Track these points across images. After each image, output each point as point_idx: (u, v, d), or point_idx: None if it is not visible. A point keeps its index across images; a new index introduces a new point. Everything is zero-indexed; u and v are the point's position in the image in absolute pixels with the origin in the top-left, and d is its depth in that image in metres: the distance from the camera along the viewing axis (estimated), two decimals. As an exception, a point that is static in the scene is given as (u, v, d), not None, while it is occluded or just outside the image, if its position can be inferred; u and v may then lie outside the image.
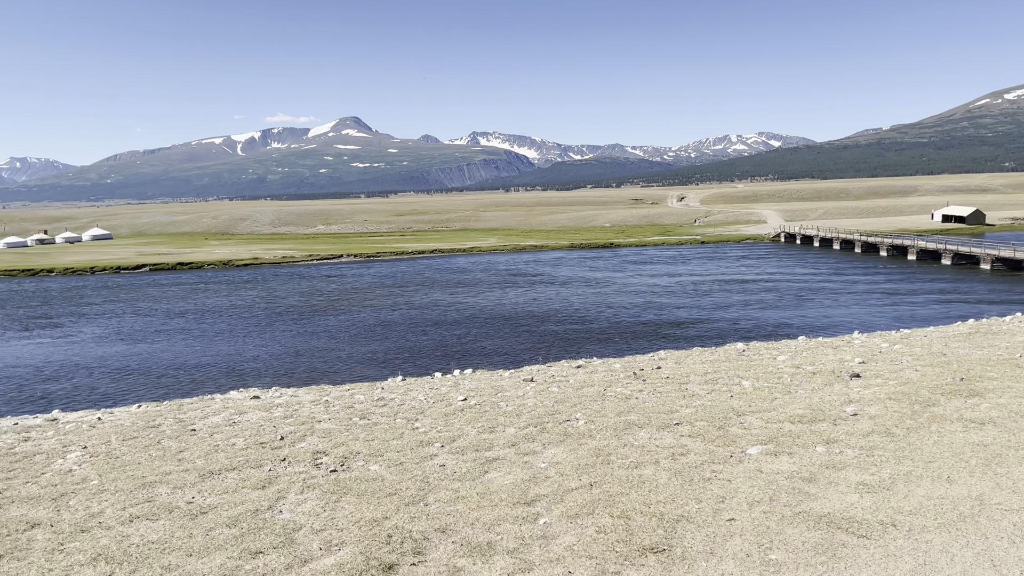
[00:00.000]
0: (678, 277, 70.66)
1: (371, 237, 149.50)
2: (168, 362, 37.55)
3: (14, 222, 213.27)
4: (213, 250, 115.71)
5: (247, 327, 47.86)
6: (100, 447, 10.39)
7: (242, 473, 8.74)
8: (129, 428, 11.68)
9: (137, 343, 43.39)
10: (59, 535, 7.00)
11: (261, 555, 6.33)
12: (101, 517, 7.44)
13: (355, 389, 15.19)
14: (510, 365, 26.52)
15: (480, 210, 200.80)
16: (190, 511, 7.48)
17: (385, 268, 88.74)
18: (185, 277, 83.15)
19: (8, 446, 10.77)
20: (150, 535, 6.88)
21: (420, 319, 49.34)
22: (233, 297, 63.85)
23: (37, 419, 13.57)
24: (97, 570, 6.17)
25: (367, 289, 67.29)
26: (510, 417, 10.88)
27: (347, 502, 7.56)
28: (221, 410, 13.02)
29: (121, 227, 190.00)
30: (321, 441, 10.09)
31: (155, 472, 8.90)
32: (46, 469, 9.34)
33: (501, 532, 6.63)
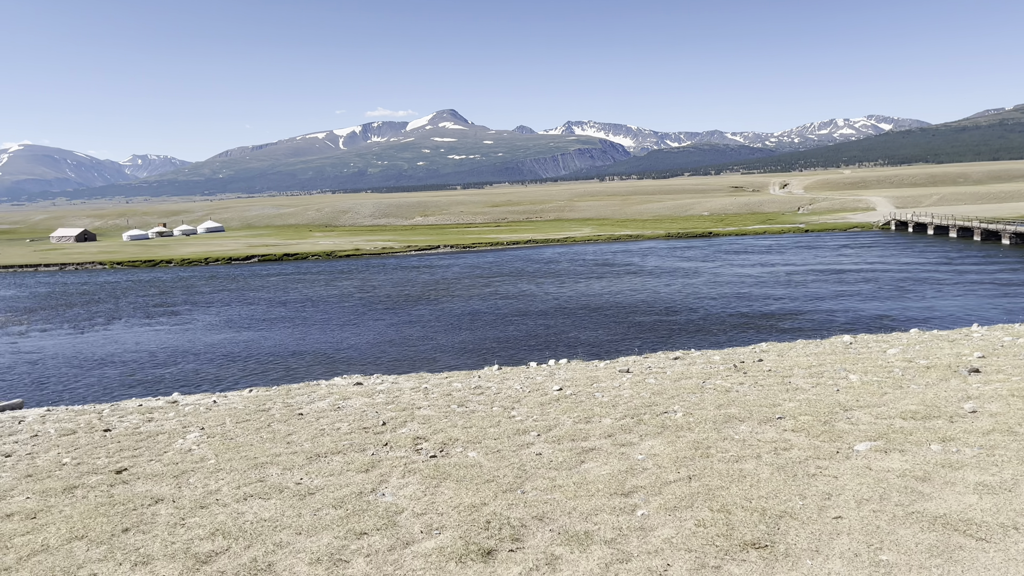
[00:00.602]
0: (776, 267, 68.47)
1: (467, 228, 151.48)
2: (275, 348, 39.23)
3: (136, 216, 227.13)
4: (317, 242, 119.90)
5: (348, 315, 49.42)
6: (216, 429, 10.98)
7: (347, 456, 9.06)
8: (242, 411, 12.29)
9: (247, 330, 45.51)
10: (180, 510, 7.45)
11: (365, 536, 6.56)
12: (218, 495, 7.88)
13: (453, 377, 15.47)
14: (604, 356, 26.41)
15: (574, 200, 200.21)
16: (299, 491, 7.82)
17: (480, 258, 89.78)
18: (291, 268, 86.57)
19: (134, 426, 11.53)
20: (262, 513, 7.24)
21: (514, 309, 49.71)
22: (335, 287, 66.04)
23: (159, 401, 14.46)
24: (215, 544, 6.54)
25: (462, 279, 68.29)
26: (606, 408, 10.84)
27: (446, 487, 7.73)
28: (326, 395, 13.51)
29: (232, 220, 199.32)
30: (421, 427, 10.34)
31: (266, 453, 9.33)
32: (168, 448, 9.95)
33: (598, 522, 6.63)
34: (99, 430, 11.31)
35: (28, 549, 6.64)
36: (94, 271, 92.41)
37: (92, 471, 9.02)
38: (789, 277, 60.53)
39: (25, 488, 8.43)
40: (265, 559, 6.18)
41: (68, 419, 12.55)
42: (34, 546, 6.70)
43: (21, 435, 11.28)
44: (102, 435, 10.97)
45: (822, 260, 72.79)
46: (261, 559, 6.18)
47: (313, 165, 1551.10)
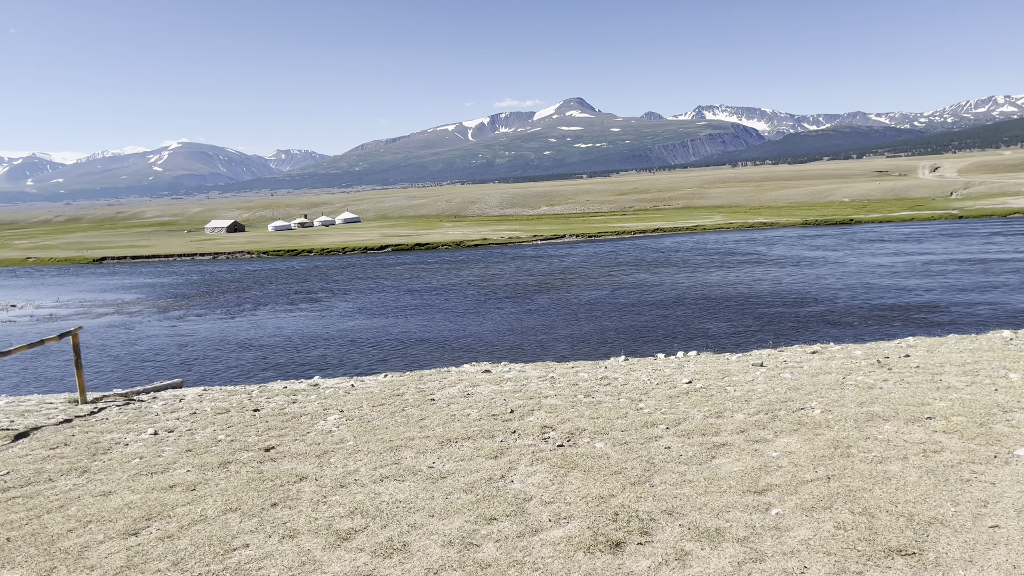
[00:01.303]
0: (922, 256, 64.05)
1: (593, 217, 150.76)
2: (406, 334, 40.59)
3: (280, 208, 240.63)
4: (447, 232, 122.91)
5: (474, 303, 50.42)
6: (354, 411, 11.50)
7: (476, 443, 9.26)
8: (377, 395, 12.81)
9: (380, 316, 47.32)
10: (322, 488, 7.87)
11: (495, 521, 6.69)
12: (356, 475, 8.26)
13: (579, 367, 15.47)
14: (734, 348, 25.63)
15: (704, 187, 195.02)
16: (431, 475, 8.08)
17: (606, 247, 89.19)
18: (422, 257, 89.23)
19: (280, 407, 12.26)
20: (398, 494, 7.53)
21: (638, 298, 49.09)
22: (462, 275, 67.50)
23: (302, 384, 15.30)
24: (354, 523, 6.87)
25: (586, 268, 68.09)
26: (738, 403, 10.54)
27: (574, 477, 7.76)
28: (456, 382, 13.86)
29: (367, 211, 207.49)
30: (548, 416, 10.42)
31: (400, 437, 9.69)
32: (311, 429, 10.52)
33: (730, 519, 6.47)
34: (249, 410, 12.10)
35: (188, 519, 7.21)
36: (242, 260, 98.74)
37: (243, 448, 9.67)
38: (945, 267, 56.53)
39: (186, 462, 9.16)
40: (400, 539, 6.43)
41: (222, 399, 13.50)
42: (194, 516, 7.27)
43: (182, 412, 12.24)
44: (252, 415, 11.73)
45: (967, 249, 67.50)
46: (397, 539, 6.43)
47: (443, 157, 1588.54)
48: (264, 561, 6.17)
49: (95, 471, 9.03)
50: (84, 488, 8.37)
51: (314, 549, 6.36)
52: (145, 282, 76.69)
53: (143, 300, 61.87)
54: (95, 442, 10.40)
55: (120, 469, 9.02)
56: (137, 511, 7.48)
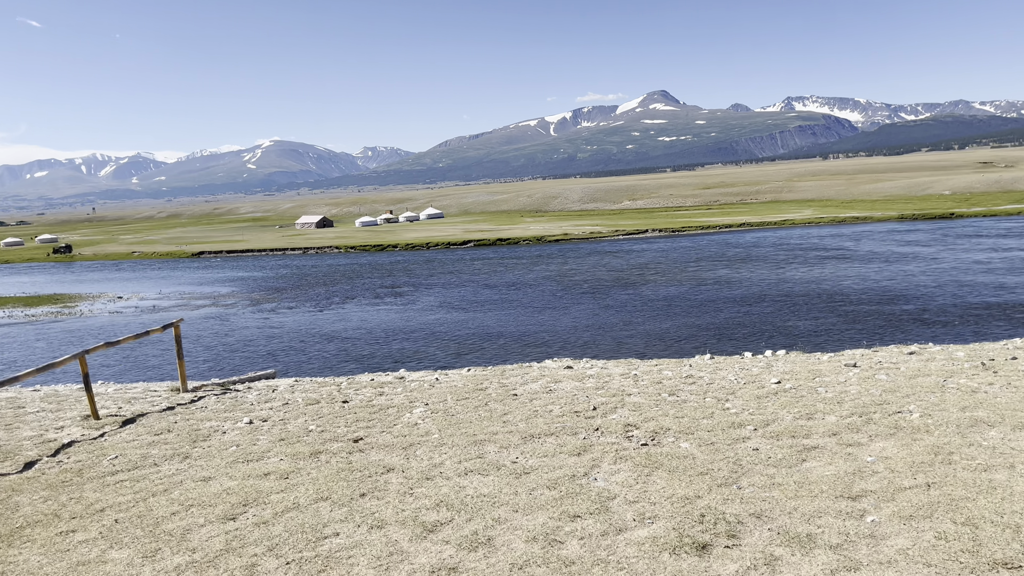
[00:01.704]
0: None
1: (676, 211, 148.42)
2: (488, 328, 40.93)
3: (367, 204, 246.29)
4: (528, 227, 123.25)
5: (555, 298, 50.39)
6: (439, 405, 11.69)
7: (559, 439, 9.27)
8: (461, 389, 12.98)
9: (461, 310, 47.87)
10: (409, 480, 8.04)
11: (579, 519, 6.69)
12: (441, 468, 8.40)
13: (662, 365, 15.27)
14: (825, 347, 24.80)
15: (793, 180, 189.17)
16: (515, 470, 8.13)
17: (690, 242, 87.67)
18: (502, 252, 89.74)
19: (368, 399, 12.57)
20: (482, 489, 7.62)
21: (724, 295, 48.06)
22: (543, 270, 67.57)
23: (388, 376, 15.63)
24: (440, 515, 6.99)
25: (669, 263, 67.09)
26: (830, 404, 10.20)
27: (658, 477, 7.68)
28: (538, 378, 13.90)
29: (450, 206, 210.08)
30: (632, 414, 10.34)
31: (484, 431, 9.79)
32: (397, 421, 10.75)
33: (822, 525, 6.28)
34: (338, 401, 12.46)
35: (282, 506, 7.48)
36: (331, 254, 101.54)
37: (333, 439, 9.96)
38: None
39: (279, 451, 9.50)
40: (485, 533, 6.51)
41: (312, 390, 13.93)
42: (287, 503, 7.54)
43: (275, 403, 12.70)
44: (341, 406, 12.07)
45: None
46: (481, 533, 6.51)
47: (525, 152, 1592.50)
48: (354, 550, 6.35)
49: (196, 457, 9.47)
50: (186, 473, 8.79)
51: (401, 540, 6.50)
52: (239, 275, 79.81)
53: (237, 293, 64.41)
54: (195, 429, 10.91)
55: (219, 456, 9.44)
56: (234, 497, 7.81)
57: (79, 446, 10.38)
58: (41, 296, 68.28)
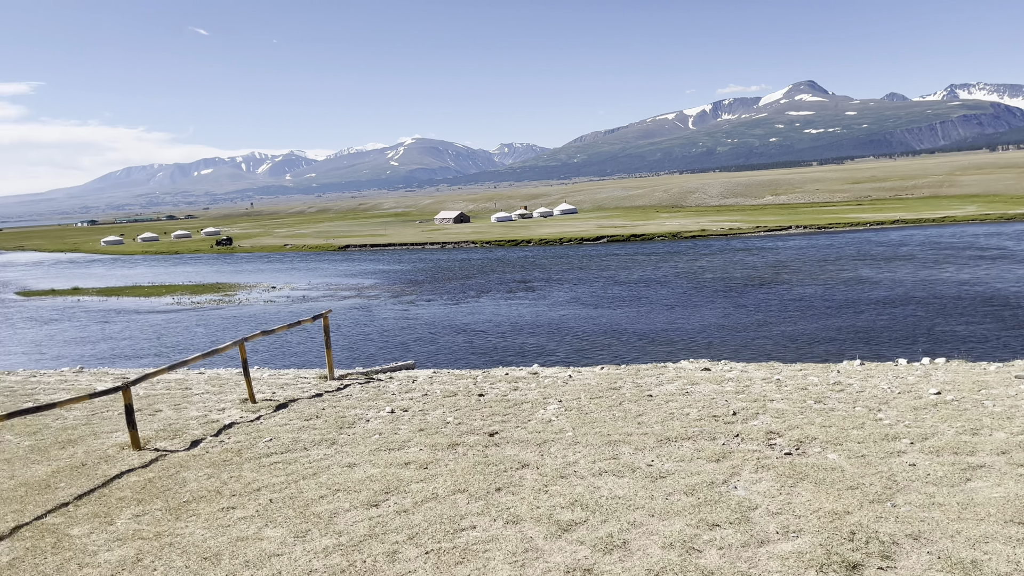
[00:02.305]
0: None
1: (822, 207, 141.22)
2: (621, 325, 40.54)
3: (502, 199, 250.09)
4: (663, 222, 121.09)
5: (692, 297, 49.20)
6: (572, 402, 11.68)
7: (696, 443, 9.04)
8: (595, 388, 12.91)
9: (594, 307, 47.67)
10: (543, 477, 8.08)
11: (717, 528, 6.49)
12: (576, 467, 8.39)
13: (807, 369, 14.57)
14: (987, 356, 22.87)
15: (956, 174, 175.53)
16: (650, 473, 8.00)
17: (837, 240, 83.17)
18: (637, 248, 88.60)
19: (503, 393, 12.75)
20: (616, 490, 7.54)
21: (870, 296, 45.24)
22: (679, 267, 66.14)
23: (522, 371, 15.79)
24: (574, 515, 6.98)
25: (814, 262, 63.91)
26: (998, 419, 9.37)
27: (803, 488, 7.33)
28: (674, 379, 13.61)
29: (584, 202, 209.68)
30: (774, 421, 9.92)
31: (618, 432, 9.69)
32: (531, 417, 10.83)
33: (989, 551, 5.78)
34: (475, 394, 12.71)
35: (422, 495, 7.72)
36: (466, 249, 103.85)
37: (470, 431, 10.17)
38: None
39: (419, 441, 9.81)
40: (620, 536, 6.44)
41: (450, 382, 14.29)
42: (426, 493, 7.77)
43: (415, 393, 13.12)
44: (477, 399, 12.31)
45: None
46: (616, 535, 6.44)
47: (661, 146, 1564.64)
48: (490, 544, 6.45)
49: (342, 443, 9.94)
50: (333, 459, 9.24)
51: (536, 537, 6.54)
52: (381, 268, 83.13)
53: (379, 285, 67.13)
54: (341, 416, 11.45)
55: (363, 443, 9.86)
56: (377, 484, 8.13)
57: (238, 427, 11.14)
58: (205, 285, 73.91)
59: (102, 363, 36.39)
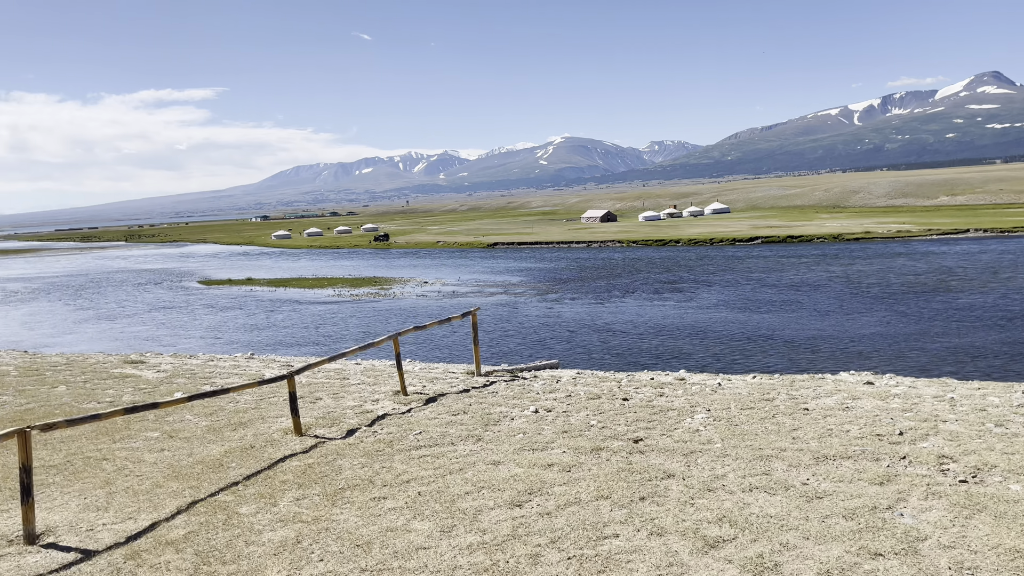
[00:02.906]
0: None
1: (1007, 209, 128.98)
2: (773, 333, 38.82)
3: (651, 198, 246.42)
4: (823, 223, 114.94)
5: (853, 304, 46.34)
6: (721, 412, 11.28)
7: (857, 464, 8.47)
8: (746, 398, 12.41)
9: (745, 311, 45.93)
10: (689, 489, 7.84)
11: (881, 558, 6.05)
12: (724, 480, 8.08)
13: (986, 388, 13.33)
14: None
15: None
16: (805, 493, 7.57)
17: (1016, 246, 75.66)
18: (793, 250, 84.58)
19: (647, 399, 12.52)
20: (768, 508, 7.19)
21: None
22: (836, 271, 62.49)
23: (668, 376, 15.45)
24: (722, 531, 6.72)
25: (995, 269, 58.40)
26: None
27: (981, 521, 6.69)
28: (833, 392, 12.85)
29: (737, 201, 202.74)
30: (947, 444, 9.13)
31: (771, 446, 9.26)
32: (677, 425, 10.56)
33: None
34: (619, 398, 12.56)
35: (564, 499, 7.70)
36: (613, 248, 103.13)
37: (613, 436, 10.05)
38: None
39: (562, 443, 9.80)
40: (771, 558, 6.13)
41: (594, 384, 14.21)
42: (568, 497, 7.74)
43: (558, 394, 13.14)
44: (621, 403, 12.15)
45: None
46: (767, 557, 6.15)
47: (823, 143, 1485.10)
48: (633, 555, 6.33)
49: (487, 441, 10.11)
50: (478, 455, 9.42)
51: (681, 551, 6.36)
52: (527, 266, 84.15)
53: (525, 282, 67.98)
54: (487, 413, 11.65)
55: (507, 442, 9.98)
56: (521, 484, 8.20)
57: (390, 419, 11.60)
58: (363, 278, 77.73)
59: (268, 349, 39.09)
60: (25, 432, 7.42)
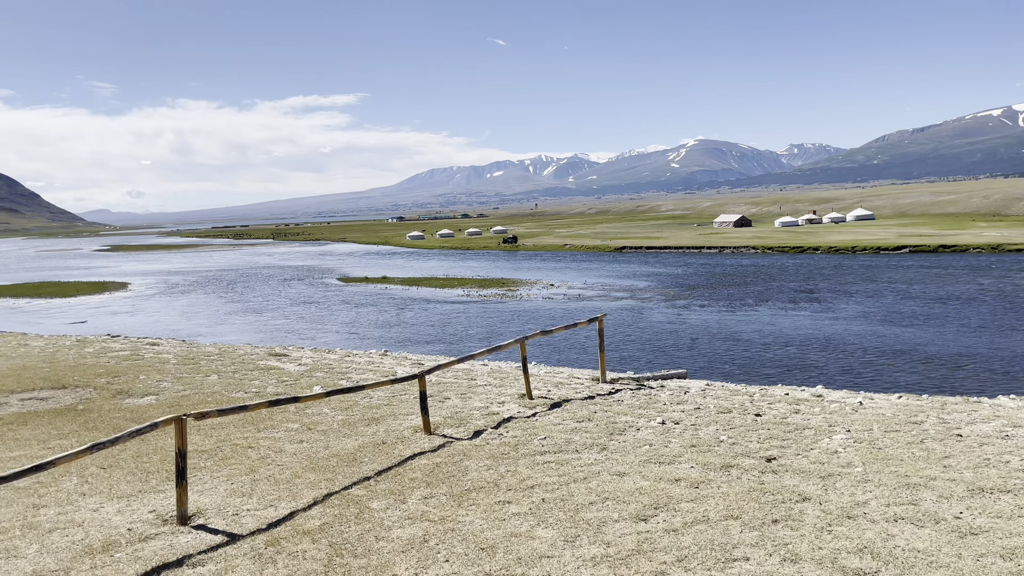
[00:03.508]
0: None
1: None
2: (922, 350, 36.29)
3: (788, 203, 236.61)
4: (980, 232, 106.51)
5: (1009, 320, 42.60)
6: (863, 434, 10.65)
7: (1018, 499, 7.77)
8: (890, 419, 11.66)
9: (890, 325, 43.19)
10: (827, 515, 7.43)
11: (1046, 607, 5.51)
12: (866, 508, 7.61)
13: None
14: None
15: None
16: (958, 528, 7.01)
17: None
18: (945, 260, 78.85)
19: (782, 416, 11.99)
20: (915, 542, 6.71)
21: None
22: (992, 284, 57.64)
23: (805, 392, 14.76)
24: (863, 562, 6.32)
25: None
26: None
27: None
28: (990, 418, 11.86)
29: (883, 208, 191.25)
30: None
31: (918, 474, 8.64)
32: (814, 446, 10.05)
33: None
34: (751, 413, 12.10)
35: (692, 516, 7.49)
36: (746, 254, 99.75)
37: (744, 454, 9.69)
38: None
39: (690, 457, 9.55)
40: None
41: (724, 397, 13.77)
42: (696, 514, 7.52)
43: (686, 406, 12.82)
44: (753, 419, 11.71)
45: None
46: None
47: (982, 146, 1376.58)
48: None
49: (612, 450, 9.99)
50: (603, 465, 9.32)
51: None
52: (655, 271, 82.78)
53: (652, 288, 66.89)
54: (612, 422, 11.53)
55: (632, 453, 9.83)
56: (646, 498, 8.05)
57: (515, 422, 11.70)
58: (490, 279, 78.96)
59: (399, 346, 40.41)
60: (182, 420, 7.99)
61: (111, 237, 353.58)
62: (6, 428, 12.03)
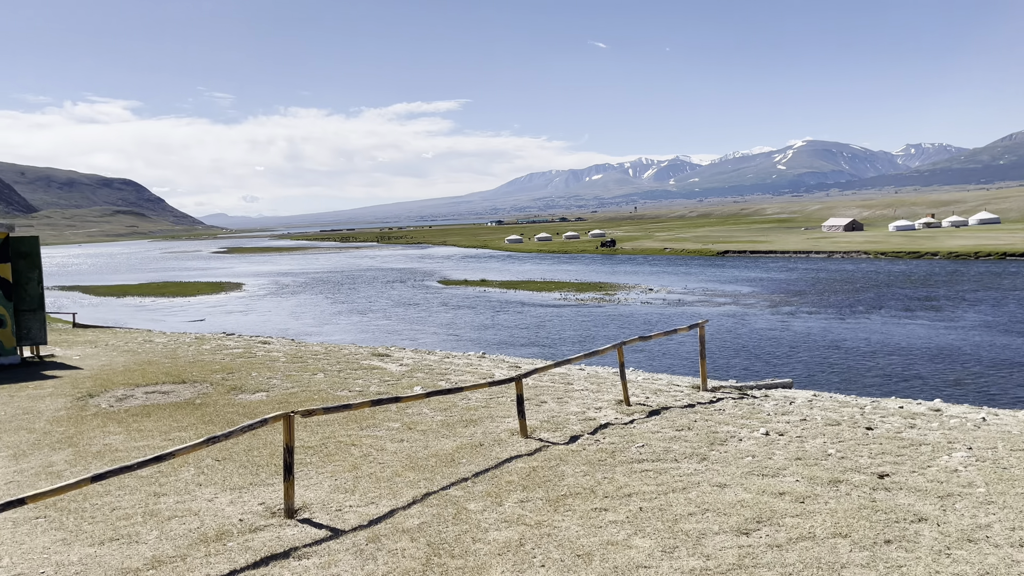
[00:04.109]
0: None
1: None
2: (1056, 363, 33.73)
3: (904, 206, 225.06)
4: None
5: None
6: (986, 452, 9.99)
7: None
8: (1017, 437, 10.90)
9: (1015, 336, 40.37)
10: (946, 538, 7.01)
11: None
12: (988, 531, 7.14)
13: None
14: None
15: None
16: (1095, 559, 6.47)
17: None
18: (1083, 268, 73.07)
19: (896, 430, 11.40)
20: (1045, 571, 6.24)
21: None
22: None
23: (921, 406, 13.99)
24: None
25: None
26: None
27: None
28: None
29: (1010, 211, 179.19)
30: None
31: (1050, 498, 8.03)
32: (931, 463, 9.50)
33: None
34: (861, 426, 11.56)
35: (797, 532, 7.21)
36: (857, 259, 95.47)
37: (854, 468, 9.26)
38: None
39: (795, 471, 9.20)
40: (1048, 631, 5.31)
41: (832, 409, 13.21)
42: (802, 531, 7.24)
43: (792, 417, 12.37)
44: (864, 432, 11.18)
45: None
46: (1043, 629, 5.33)
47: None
48: (875, 604, 5.77)
49: (712, 460, 9.75)
50: (702, 475, 9.10)
51: (934, 609, 5.70)
52: (759, 276, 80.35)
53: (756, 293, 64.93)
54: (713, 432, 11.25)
55: (734, 464, 9.56)
56: (748, 511, 7.81)
57: (612, 429, 11.58)
58: (588, 283, 78.62)
59: (495, 348, 40.76)
60: (290, 416, 8.32)
61: (227, 240, 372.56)
62: (132, 420, 12.86)
